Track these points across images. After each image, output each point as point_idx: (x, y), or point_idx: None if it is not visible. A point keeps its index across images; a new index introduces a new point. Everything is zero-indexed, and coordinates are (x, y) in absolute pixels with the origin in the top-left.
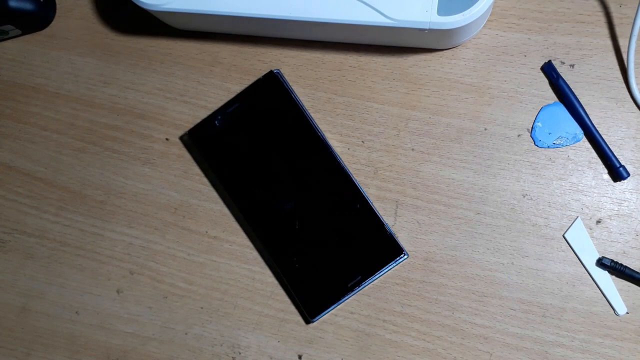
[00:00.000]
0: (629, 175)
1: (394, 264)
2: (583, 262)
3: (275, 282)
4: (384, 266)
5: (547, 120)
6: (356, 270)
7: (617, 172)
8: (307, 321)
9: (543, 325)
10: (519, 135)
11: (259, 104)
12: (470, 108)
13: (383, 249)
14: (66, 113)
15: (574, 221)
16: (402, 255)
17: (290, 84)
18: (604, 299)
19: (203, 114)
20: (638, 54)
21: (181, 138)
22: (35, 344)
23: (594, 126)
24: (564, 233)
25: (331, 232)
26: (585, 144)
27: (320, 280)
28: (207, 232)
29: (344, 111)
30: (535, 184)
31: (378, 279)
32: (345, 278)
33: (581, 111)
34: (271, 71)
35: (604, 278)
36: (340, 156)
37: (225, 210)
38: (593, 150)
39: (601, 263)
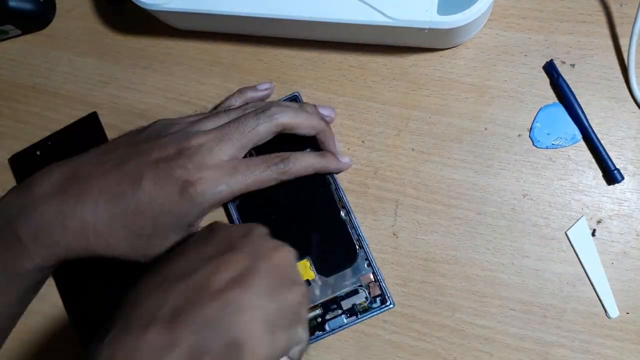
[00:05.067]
0: (622, 178)
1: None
2: (582, 261)
3: None
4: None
5: (546, 121)
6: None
7: (611, 175)
8: None
9: (544, 326)
10: (519, 135)
11: None
12: (470, 108)
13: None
14: (66, 113)
15: (578, 219)
16: (388, 304)
17: (290, 83)
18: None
19: None
20: (639, 53)
21: None
22: (33, 346)
23: (591, 127)
24: (567, 230)
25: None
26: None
27: None
28: None
29: (344, 111)
30: (535, 184)
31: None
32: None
33: (579, 111)
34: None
35: (601, 279)
36: None
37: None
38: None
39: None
